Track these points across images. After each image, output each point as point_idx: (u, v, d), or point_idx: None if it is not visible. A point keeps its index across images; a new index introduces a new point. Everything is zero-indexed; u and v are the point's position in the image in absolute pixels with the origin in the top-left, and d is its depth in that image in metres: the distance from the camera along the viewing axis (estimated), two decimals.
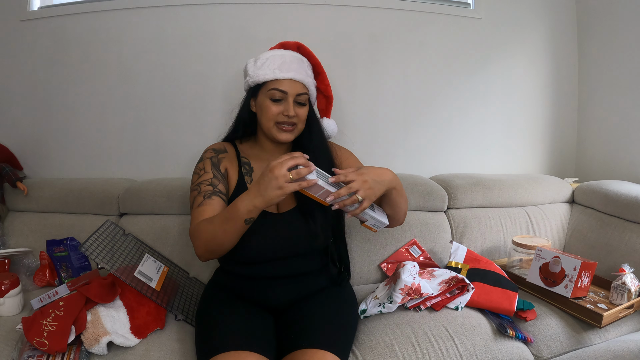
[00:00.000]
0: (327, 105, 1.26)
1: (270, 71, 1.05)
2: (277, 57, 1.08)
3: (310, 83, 1.10)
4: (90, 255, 1.09)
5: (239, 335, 0.92)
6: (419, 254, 1.46)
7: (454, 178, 1.66)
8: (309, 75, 1.12)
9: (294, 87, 1.05)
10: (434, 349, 1.03)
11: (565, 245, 1.61)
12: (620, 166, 1.74)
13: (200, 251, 0.97)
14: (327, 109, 1.27)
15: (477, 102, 1.86)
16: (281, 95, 1.04)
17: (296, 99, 1.06)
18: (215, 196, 1.02)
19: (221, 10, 1.67)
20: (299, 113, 1.07)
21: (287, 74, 1.05)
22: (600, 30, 1.80)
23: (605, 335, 1.11)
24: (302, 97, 1.07)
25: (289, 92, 1.04)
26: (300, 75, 1.07)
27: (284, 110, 1.04)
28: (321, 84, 1.21)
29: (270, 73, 1.05)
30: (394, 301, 1.12)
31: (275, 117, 1.05)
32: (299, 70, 1.08)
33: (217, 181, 1.05)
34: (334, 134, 1.29)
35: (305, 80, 1.08)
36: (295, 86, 1.05)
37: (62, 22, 1.67)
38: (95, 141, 1.72)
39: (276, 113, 1.04)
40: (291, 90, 1.04)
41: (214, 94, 1.69)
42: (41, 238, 1.44)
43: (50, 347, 0.92)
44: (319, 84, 1.21)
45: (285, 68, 1.05)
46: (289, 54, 1.10)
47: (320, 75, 1.21)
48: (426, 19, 1.78)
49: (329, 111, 1.27)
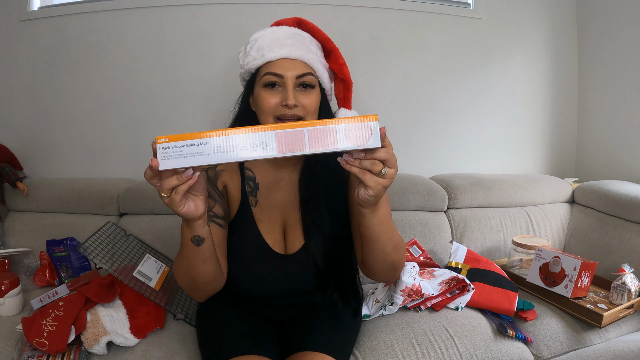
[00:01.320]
0: (346, 91, 0.97)
1: (259, 54, 0.84)
2: (268, 35, 0.86)
3: (314, 60, 0.86)
4: (89, 255, 1.09)
5: (245, 340, 0.89)
6: (419, 254, 1.46)
7: (454, 178, 1.66)
8: (313, 52, 0.87)
9: (291, 67, 0.82)
10: (434, 349, 1.03)
11: (565, 245, 1.61)
12: (620, 166, 1.74)
13: (186, 291, 0.85)
14: (345, 96, 0.97)
15: (477, 102, 1.86)
16: (276, 80, 0.82)
17: (298, 82, 0.83)
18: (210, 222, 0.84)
19: (221, 10, 1.67)
20: (304, 102, 0.82)
21: (280, 51, 0.83)
22: (600, 30, 1.80)
23: (605, 335, 1.11)
24: (306, 77, 0.83)
25: (285, 74, 0.82)
26: (299, 51, 0.84)
27: (282, 100, 0.81)
28: (334, 64, 0.92)
29: (258, 57, 0.84)
30: (395, 303, 1.12)
31: (273, 110, 0.82)
32: (297, 45, 0.85)
33: (213, 202, 0.87)
34: None
35: (307, 57, 0.84)
36: (294, 65, 0.83)
37: (62, 22, 1.67)
38: (95, 141, 1.72)
39: (273, 104, 0.82)
40: (288, 72, 0.82)
41: (214, 94, 1.69)
42: (41, 238, 1.43)
43: (50, 347, 0.92)
44: (331, 65, 0.92)
45: (276, 47, 0.83)
46: (282, 31, 0.87)
47: (332, 53, 0.92)
48: (426, 19, 1.78)
49: (349, 99, 0.98)
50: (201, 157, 0.59)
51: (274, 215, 0.93)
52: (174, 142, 0.59)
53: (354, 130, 0.61)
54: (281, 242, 0.93)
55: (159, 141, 0.59)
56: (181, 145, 0.59)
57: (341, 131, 0.61)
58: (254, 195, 0.92)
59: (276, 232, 0.93)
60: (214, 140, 0.59)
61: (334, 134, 0.61)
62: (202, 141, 0.59)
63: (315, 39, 0.92)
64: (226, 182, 0.92)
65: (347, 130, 0.61)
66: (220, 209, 0.88)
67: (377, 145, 0.62)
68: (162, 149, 0.59)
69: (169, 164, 0.59)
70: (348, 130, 0.61)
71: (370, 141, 0.61)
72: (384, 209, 0.76)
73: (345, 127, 0.61)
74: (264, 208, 0.92)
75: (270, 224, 0.92)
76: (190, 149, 0.59)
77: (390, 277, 0.93)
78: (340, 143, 0.61)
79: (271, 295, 0.94)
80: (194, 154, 0.59)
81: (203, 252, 0.74)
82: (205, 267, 0.78)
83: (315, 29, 0.93)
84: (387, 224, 0.78)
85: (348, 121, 0.61)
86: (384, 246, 0.79)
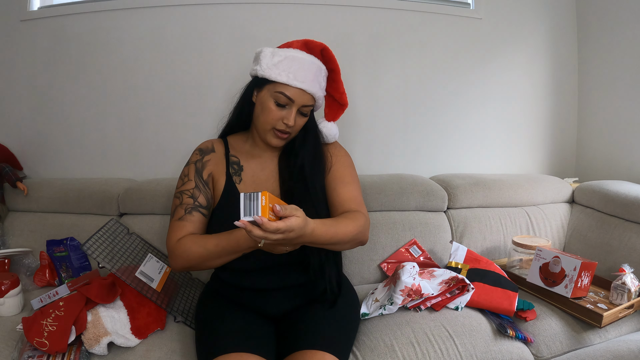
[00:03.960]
0: (338, 111, 1.15)
1: (285, 74, 0.98)
2: (297, 60, 1.00)
3: (320, 95, 1.04)
4: (92, 254, 1.09)
5: (239, 337, 0.91)
6: (419, 254, 1.46)
7: (454, 178, 1.66)
8: (322, 87, 1.05)
9: (302, 98, 0.99)
10: (434, 349, 1.03)
11: (565, 245, 1.61)
12: (620, 166, 1.74)
13: (179, 267, 0.98)
14: (336, 114, 1.16)
15: (477, 101, 1.86)
16: (287, 102, 0.99)
17: (300, 110, 1.01)
18: (195, 212, 1.00)
19: (221, 10, 1.67)
20: (298, 123, 1.03)
21: (301, 84, 0.98)
22: (600, 30, 1.80)
23: (605, 335, 1.11)
24: (306, 108, 1.02)
25: (296, 101, 0.99)
26: (314, 87, 1.00)
27: (284, 117, 0.99)
28: (335, 92, 1.11)
29: (284, 76, 0.98)
30: (394, 303, 1.12)
31: (275, 123, 1.00)
32: (314, 81, 1.01)
33: (198, 192, 1.02)
34: (334, 139, 1.17)
35: (316, 93, 1.02)
36: (304, 97, 1.00)
37: (62, 22, 1.67)
38: (95, 141, 1.72)
39: (277, 118, 0.99)
40: (298, 100, 0.99)
41: (214, 94, 1.69)
42: (41, 238, 1.44)
43: (50, 347, 0.92)
44: (332, 91, 1.11)
45: (300, 76, 0.98)
46: (308, 60, 1.01)
47: (335, 83, 1.10)
48: (426, 19, 1.78)
49: (338, 117, 1.16)
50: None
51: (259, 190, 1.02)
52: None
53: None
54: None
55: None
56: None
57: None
58: (238, 175, 1.07)
59: None
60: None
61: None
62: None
63: (325, 67, 1.06)
64: (212, 170, 1.07)
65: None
66: (204, 199, 1.03)
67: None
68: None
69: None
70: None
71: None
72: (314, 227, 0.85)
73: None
74: (248, 184, 1.06)
75: None
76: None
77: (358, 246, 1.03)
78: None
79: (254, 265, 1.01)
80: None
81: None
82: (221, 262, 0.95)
83: (333, 60, 1.07)
84: (330, 235, 0.89)
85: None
86: (340, 246, 0.95)
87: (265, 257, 0.97)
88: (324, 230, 0.87)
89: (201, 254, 0.94)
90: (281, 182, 1.06)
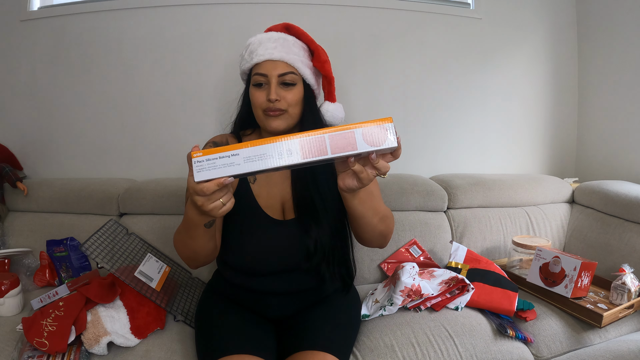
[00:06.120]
0: (329, 86, 1.08)
1: (254, 56, 0.97)
2: (256, 41, 0.99)
3: (295, 60, 0.98)
4: (91, 254, 1.09)
5: (240, 338, 0.91)
6: (419, 254, 1.46)
7: (454, 178, 1.66)
8: (295, 53, 0.99)
9: (275, 69, 0.95)
10: (434, 349, 1.03)
11: (565, 245, 1.61)
12: (620, 166, 1.74)
13: (182, 257, 0.94)
14: (329, 91, 1.09)
15: (477, 101, 1.86)
16: (263, 80, 0.96)
17: (280, 80, 0.95)
18: None
19: (221, 10, 1.67)
20: (285, 96, 0.95)
21: (264, 55, 0.95)
22: (600, 31, 1.80)
23: (605, 335, 1.11)
24: (287, 76, 0.96)
25: (269, 74, 0.95)
26: (280, 53, 0.96)
27: (267, 95, 0.95)
28: (317, 62, 1.04)
29: (249, 59, 0.98)
30: (394, 303, 1.12)
31: (261, 105, 0.96)
32: (279, 48, 0.97)
33: None
34: (341, 121, 1.10)
35: (288, 58, 0.96)
36: (276, 66, 0.95)
37: (62, 22, 1.67)
38: (95, 141, 1.72)
39: (261, 100, 0.96)
40: (272, 72, 0.95)
41: (214, 94, 1.69)
42: (41, 238, 1.43)
43: (50, 347, 0.92)
44: (315, 63, 1.04)
45: (267, 50, 0.96)
46: (268, 35, 1.00)
47: (315, 53, 1.04)
48: (426, 19, 1.78)
49: (332, 94, 1.10)
50: (233, 167, 0.64)
51: (274, 192, 1.02)
52: (207, 155, 0.64)
53: (370, 133, 0.66)
54: (279, 213, 1.01)
55: (194, 156, 0.64)
56: (214, 158, 0.64)
57: (359, 134, 0.66)
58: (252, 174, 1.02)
59: (274, 206, 1.01)
60: (244, 151, 0.64)
61: (352, 138, 0.66)
62: (233, 152, 0.64)
63: (300, 41, 1.03)
64: None
65: (364, 134, 0.66)
66: None
67: (394, 144, 0.67)
68: (197, 162, 0.64)
69: (204, 175, 0.64)
70: (366, 134, 0.66)
71: (387, 142, 0.66)
72: (366, 189, 0.83)
73: (362, 131, 0.66)
74: (262, 185, 1.03)
75: (269, 200, 1.01)
76: (222, 160, 0.64)
77: (380, 244, 1.01)
78: (359, 145, 0.66)
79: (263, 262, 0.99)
80: (226, 165, 0.64)
81: (211, 231, 0.85)
82: (209, 244, 0.88)
83: (300, 32, 1.04)
84: (370, 201, 0.88)
85: (366, 125, 0.66)
86: (369, 220, 0.89)
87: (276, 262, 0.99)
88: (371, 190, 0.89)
89: (180, 239, 0.89)
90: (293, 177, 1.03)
